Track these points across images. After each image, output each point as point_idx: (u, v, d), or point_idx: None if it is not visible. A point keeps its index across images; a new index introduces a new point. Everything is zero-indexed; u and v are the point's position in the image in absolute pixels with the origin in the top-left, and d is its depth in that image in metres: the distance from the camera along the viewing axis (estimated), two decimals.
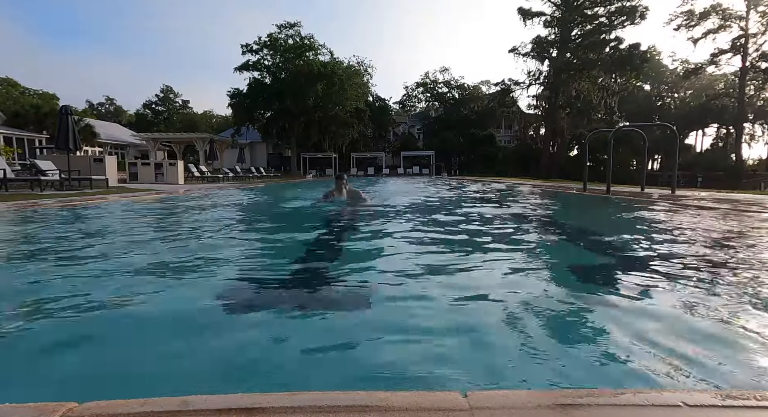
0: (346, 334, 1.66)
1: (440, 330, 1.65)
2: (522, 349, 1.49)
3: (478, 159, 37.69)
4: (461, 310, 1.93)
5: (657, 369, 1.32)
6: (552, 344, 1.56)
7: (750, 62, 32.19)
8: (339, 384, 1.26)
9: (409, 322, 1.74)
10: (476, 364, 1.39)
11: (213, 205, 7.95)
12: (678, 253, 3.27)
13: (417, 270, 2.62)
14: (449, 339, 1.57)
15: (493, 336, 1.62)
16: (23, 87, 45.27)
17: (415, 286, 2.28)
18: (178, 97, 62.36)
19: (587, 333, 1.70)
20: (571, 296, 2.12)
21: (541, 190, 12.28)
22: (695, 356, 1.43)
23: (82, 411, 0.74)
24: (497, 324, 1.73)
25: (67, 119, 10.84)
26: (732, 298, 2.09)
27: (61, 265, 2.87)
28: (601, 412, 0.74)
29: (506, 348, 1.51)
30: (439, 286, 2.30)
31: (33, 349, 1.54)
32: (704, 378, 1.27)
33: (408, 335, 1.60)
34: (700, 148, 45.36)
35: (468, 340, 1.58)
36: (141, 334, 1.70)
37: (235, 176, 23.17)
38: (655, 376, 1.28)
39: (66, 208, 6.40)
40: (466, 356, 1.44)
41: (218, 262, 2.94)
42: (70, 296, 2.11)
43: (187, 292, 2.28)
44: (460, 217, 5.95)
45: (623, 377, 1.32)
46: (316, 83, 30.89)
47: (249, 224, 5.61)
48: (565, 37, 32.76)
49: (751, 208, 5.90)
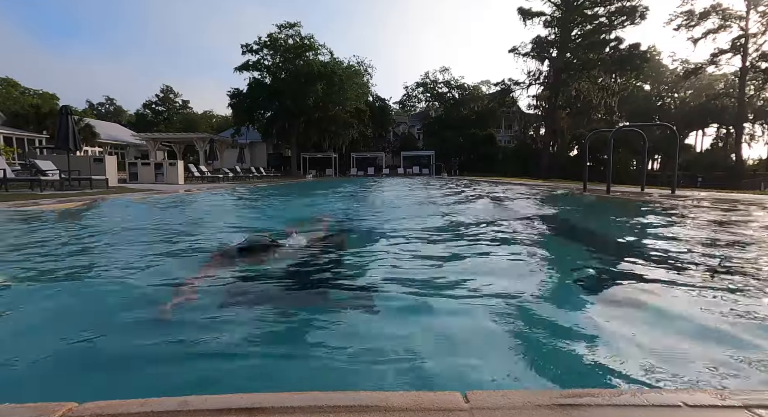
0: (348, 333, 1.66)
1: (440, 330, 1.65)
2: (521, 350, 1.48)
3: (478, 159, 37.65)
4: (461, 309, 1.93)
5: (657, 368, 1.32)
6: (551, 344, 1.56)
7: (750, 62, 32.16)
8: (339, 384, 1.26)
9: (409, 321, 1.74)
10: (476, 363, 1.39)
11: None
12: (678, 253, 3.27)
13: (415, 269, 2.62)
14: (449, 338, 1.57)
15: (491, 336, 1.62)
16: (23, 87, 45.23)
17: (413, 285, 2.28)
18: (178, 97, 62.32)
19: (586, 333, 1.69)
20: (570, 296, 2.12)
21: (541, 190, 12.28)
22: (695, 356, 1.42)
23: (82, 411, 0.74)
24: (496, 324, 1.73)
25: (67, 119, 10.83)
26: (732, 297, 2.09)
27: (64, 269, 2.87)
28: (601, 412, 0.74)
29: (505, 348, 1.51)
30: (439, 285, 2.30)
31: (33, 349, 1.54)
32: (704, 378, 1.27)
33: (408, 335, 1.60)
34: (700, 148, 45.33)
35: (467, 340, 1.58)
36: (142, 333, 1.70)
37: (235, 176, 23.16)
38: (655, 376, 1.28)
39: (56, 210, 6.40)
40: (466, 356, 1.44)
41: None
42: (70, 296, 2.11)
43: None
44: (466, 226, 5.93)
45: (623, 377, 1.32)
46: (316, 83, 30.87)
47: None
48: (565, 37, 32.74)
49: (752, 208, 5.90)
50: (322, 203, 9.35)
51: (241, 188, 13.97)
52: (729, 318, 1.80)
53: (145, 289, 2.24)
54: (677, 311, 1.90)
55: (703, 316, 1.84)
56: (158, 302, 2.00)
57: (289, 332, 1.72)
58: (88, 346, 1.58)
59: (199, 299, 2.08)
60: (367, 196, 11.57)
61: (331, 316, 1.88)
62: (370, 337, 1.62)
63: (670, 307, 1.97)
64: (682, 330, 1.70)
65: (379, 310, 1.94)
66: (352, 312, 1.96)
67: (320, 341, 1.58)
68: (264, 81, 33.33)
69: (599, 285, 2.46)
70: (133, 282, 2.40)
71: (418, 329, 1.67)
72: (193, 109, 64.44)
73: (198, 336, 1.63)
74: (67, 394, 0.89)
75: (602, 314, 1.90)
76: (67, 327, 1.76)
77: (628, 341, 1.55)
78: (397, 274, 2.52)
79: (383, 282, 2.40)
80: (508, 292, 2.16)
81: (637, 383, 1.26)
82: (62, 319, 1.88)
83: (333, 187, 15.75)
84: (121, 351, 1.55)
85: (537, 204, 8.40)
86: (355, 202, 9.36)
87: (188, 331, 1.70)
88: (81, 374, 1.38)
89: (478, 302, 2.04)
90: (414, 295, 2.10)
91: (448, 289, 2.22)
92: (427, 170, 37.27)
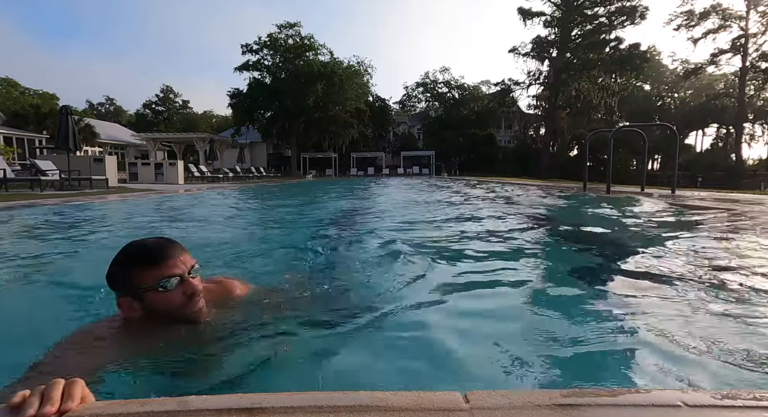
0: (347, 334, 1.66)
1: (439, 329, 1.65)
2: (521, 349, 1.48)
3: (478, 159, 37.69)
4: (459, 309, 1.93)
5: (656, 368, 1.32)
6: (550, 343, 1.56)
7: (750, 62, 32.20)
8: (339, 384, 1.26)
9: (407, 320, 1.74)
10: (476, 363, 1.39)
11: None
12: (677, 252, 3.27)
13: (412, 266, 2.62)
14: (449, 338, 1.57)
15: (491, 336, 1.62)
16: (23, 87, 45.28)
17: (411, 284, 2.28)
18: (178, 97, 62.40)
19: (585, 333, 1.69)
20: (569, 296, 2.12)
21: (540, 189, 12.29)
22: (695, 355, 1.42)
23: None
24: (496, 324, 1.73)
25: (67, 119, 10.84)
26: (732, 297, 2.09)
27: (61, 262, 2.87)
28: (601, 412, 0.74)
29: (505, 347, 1.51)
30: (437, 286, 2.30)
31: (32, 349, 1.54)
32: (704, 377, 1.27)
33: (407, 335, 1.60)
34: (700, 148, 45.38)
35: (467, 340, 1.58)
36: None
37: (235, 176, 23.19)
38: (655, 376, 1.28)
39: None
40: (466, 356, 1.44)
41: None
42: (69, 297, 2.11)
43: None
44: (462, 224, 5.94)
45: (623, 377, 1.32)
46: (316, 83, 30.90)
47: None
48: (565, 37, 32.78)
49: (752, 208, 5.90)
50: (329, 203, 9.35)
51: (244, 188, 13.96)
52: (729, 317, 1.80)
53: None
54: (677, 311, 1.90)
55: (703, 316, 1.84)
56: None
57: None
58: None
59: None
60: (369, 193, 11.58)
61: (330, 316, 1.88)
62: (369, 337, 1.62)
63: (669, 306, 1.96)
64: (682, 329, 1.70)
65: (375, 307, 1.94)
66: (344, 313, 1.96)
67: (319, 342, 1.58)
68: (264, 81, 33.37)
69: (598, 284, 2.46)
70: None
71: (418, 329, 1.67)
72: (193, 109, 64.61)
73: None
74: None
75: (602, 314, 1.90)
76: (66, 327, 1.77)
77: (627, 340, 1.55)
78: (393, 271, 2.52)
79: (383, 282, 2.41)
80: (506, 291, 2.16)
81: (637, 382, 1.26)
82: (62, 318, 1.89)
83: (332, 188, 15.75)
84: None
85: (537, 203, 8.40)
86: (357, 199, 9.37)
87: None
88: None
89: (478, 301, 2.04)
90: (412, 292, 2.10)
91: (447, 288, 2.22)
92: (427, 170, 37.29)
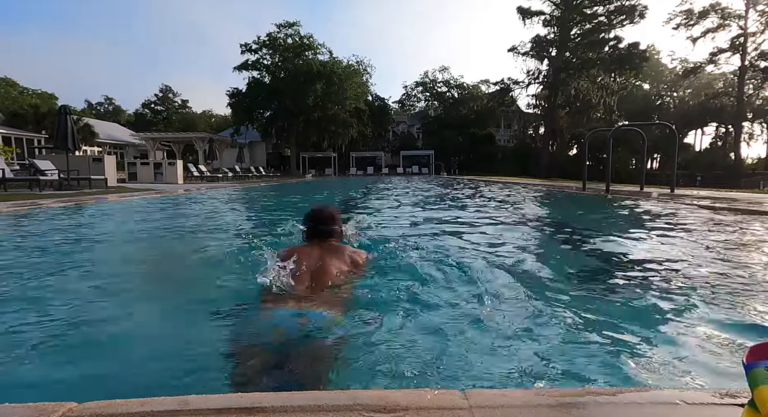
0: (347, 334, 1.66)
1: (439, 329, 1.65)
2: (520, 349, 1.48)
3: (477, 158, 37.66)
4: (460, 310, 1.93)
5: (656, 367, 1.32)
6: (549, 343, 1.56)
7: (749, 61, 32.21)
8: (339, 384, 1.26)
9: (408, 320, 1.74)
10: (476, 363, 1.39)
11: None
12: (677, 252, 3.27)
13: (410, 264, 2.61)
14: (449, 338, 1.57)
15: (490, 336, 1.62)
16: (22, 87, 45.15)
17: (411, 284, 2.27)
18: (177, 96, 62.20)
19: (584, 332, 1.70)
20: (569, 296, 2.12)
21: (540, 189, 12.29)
22: (694, 355, 1.43)
23: (81, 411, 0.74)
24: (495, 324, 1.73)
25: (65, 119, 10.82)
26: (732, 296, 2.10)
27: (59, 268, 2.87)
28: (601, 412, 0.74)
29: (504, 347, 1.51)
30: (436, 285, 2.30)
31: (32, 349, 1.54)
32: (704, 377, 1.27)
33: (407, 335, 1.60)
34: (699, 147, 45.35)
35: (467, 340, 1.58)
36: (140, 334, 1.70)
37: (235, 176, 23.16)
38: (655, 375, 1.28)
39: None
40: (466, 356, 1.44)
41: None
42: (68, 297, 2.11)
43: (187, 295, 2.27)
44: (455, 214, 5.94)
45: (623, 376, 1.32)
46: (316, 82, 30.85)
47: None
48: (565, 36, 32.77)
49: (751, 208, 5.91)
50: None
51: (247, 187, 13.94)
52: (728, 316, 1.81)
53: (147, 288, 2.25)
54: (676, 310, 1.91)
55: (701, 316, 1.84)
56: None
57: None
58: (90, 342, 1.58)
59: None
60: (373, 191, 11.58)
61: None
62: (369, 336, 1.62)
63: (669, 306, 1.97)
64: (681, 329, 1.70)
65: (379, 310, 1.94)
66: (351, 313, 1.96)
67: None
68: (263, 80, 33.31)
69: (597, 284, 2.46)
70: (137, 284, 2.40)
71: (417, 329, 1.67)
72: (192, 108, 64.40)
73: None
74: (66, 394, 0.89)
75: (601, 314, 1.90)
76: (65, 327, 1.76)
77: (628, 340, 1.55)
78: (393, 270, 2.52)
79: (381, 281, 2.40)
80: (505, 291, 2.16)
81: (637, 382, 1.26)
82: (61, 318, 1.88)
83: (334, 188, 15.73)
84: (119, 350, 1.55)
85: (537, 203, 8.41)
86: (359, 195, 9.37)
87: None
88: (79, 374, 1.38)
89: (478, 301, 2.04)
90: (412, 293, 2.10)
91: (446, 287, 2.22)
92: (427, 170, 37.28)
